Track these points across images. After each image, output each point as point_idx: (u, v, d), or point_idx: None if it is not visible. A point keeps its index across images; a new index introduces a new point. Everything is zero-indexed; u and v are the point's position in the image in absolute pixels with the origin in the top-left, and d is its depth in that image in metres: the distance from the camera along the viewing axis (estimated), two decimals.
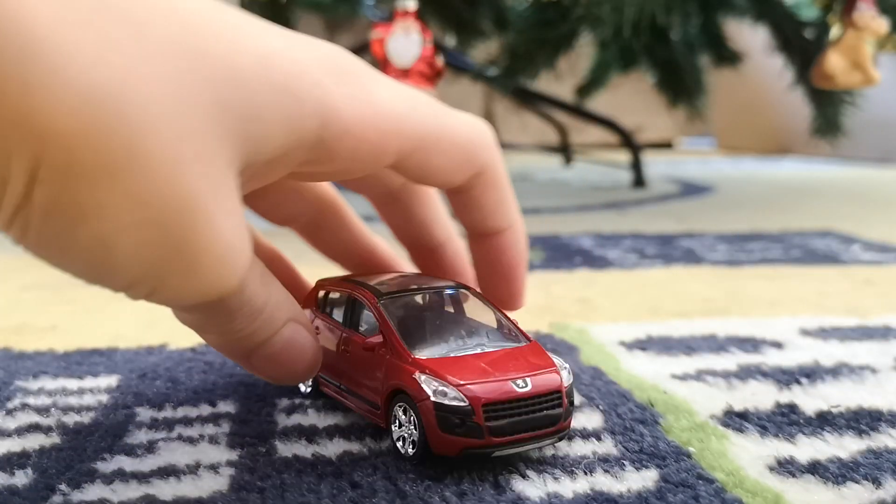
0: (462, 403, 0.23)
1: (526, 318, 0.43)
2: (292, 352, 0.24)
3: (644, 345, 0.38)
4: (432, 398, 0.23)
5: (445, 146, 0.24)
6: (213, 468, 0.24)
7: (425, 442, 0.23)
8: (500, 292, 0.29)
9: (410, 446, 0.24)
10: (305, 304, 0.30)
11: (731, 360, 0.35)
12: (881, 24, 0.85)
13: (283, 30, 0.22)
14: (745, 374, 0.33)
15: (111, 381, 0.33)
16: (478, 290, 0.29)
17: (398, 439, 0.25)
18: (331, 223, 0.30)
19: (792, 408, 0.29)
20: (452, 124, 0.24)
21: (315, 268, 0.33)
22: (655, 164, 1.61)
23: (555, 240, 0.72)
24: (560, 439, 0.25)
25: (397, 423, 0.25)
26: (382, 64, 0.81)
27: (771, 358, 0.36)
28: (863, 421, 0.28)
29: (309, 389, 0.30)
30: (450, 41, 1.14)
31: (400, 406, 0.24)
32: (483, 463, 0.24)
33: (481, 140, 0.25)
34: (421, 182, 0.25)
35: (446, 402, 0.23)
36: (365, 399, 0.26)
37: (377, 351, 0.26)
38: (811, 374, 0.33)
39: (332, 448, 0.26)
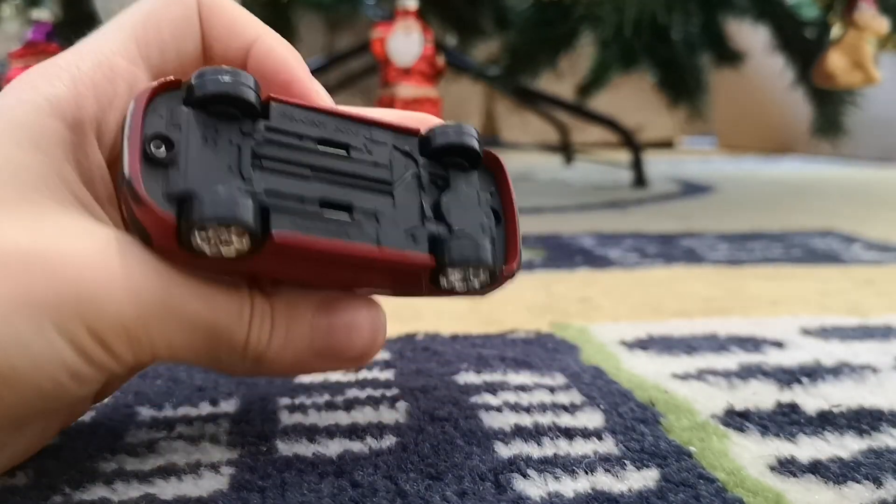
0: None
1: (527, 317, 0.44)
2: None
3: (645, 344, 0.38)
4: None
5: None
6: (214, 467, 0.24)
7: None
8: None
9: None
10: None
11: (732, 360, 0.35)
12: (882, 24, 0.85)
13: None
14: (746, 373, 0.33)
15: None
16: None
17: None
18: None
19: (793, 407, 0.29)
20: None
21: None
22: (656, 164, 1.61)
23: (555, 239, 0.72)
24: None
25: None
26: (383, 63, 0.81)
27: (772, 357, 0.36)
28: (864, 420, 0.28)
29: None
30: (451, 40, 1.14)
31: None
32: (485, 462, 0.24)
33: None
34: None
35: None
36: None
37: None
38: (812, 373, 0.33)
39: (333, 447, 0.26)
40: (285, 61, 0.25)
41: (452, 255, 0.22)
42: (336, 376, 0.33)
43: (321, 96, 0.25)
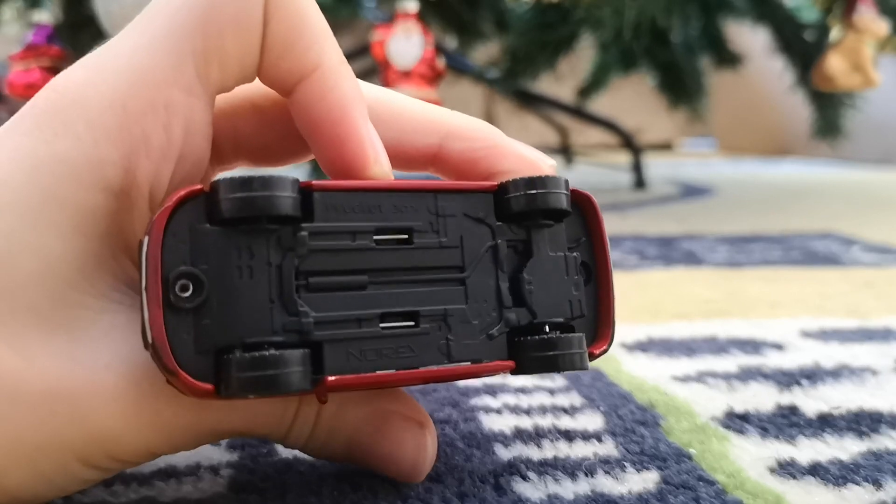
0: None
1: None
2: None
3: (645, 346, 0.38)
4: None
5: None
6: (214, 469, 0.24)
7: None
8: (333, 152, 0.20)
9: None
10: None
11: (731, 362, 0.35)
12: (881, 26, 0.85)
13: None
14: (746, 375, 0.33)
15: None
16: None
17: None
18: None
19: (793, 409, 0.29)
20: None
21: None
22: (656, 166, 1.61)
23: None
24: None
25: None
26: (383, 65, 0.81)
27: (771, 359, 0.36)
28: (863, 422, 0.28)
29: None
30: (451, 43, 1.14)
31: None
32: (485, 464, 0.24)
33: None
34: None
35: None
36: None
37: None
38: (812, 375, 0.33)
39: None
40: (341, 112, 0.20)
41: (534, 363, 0.20)
42: None
43: (380, 162, 0.20)
